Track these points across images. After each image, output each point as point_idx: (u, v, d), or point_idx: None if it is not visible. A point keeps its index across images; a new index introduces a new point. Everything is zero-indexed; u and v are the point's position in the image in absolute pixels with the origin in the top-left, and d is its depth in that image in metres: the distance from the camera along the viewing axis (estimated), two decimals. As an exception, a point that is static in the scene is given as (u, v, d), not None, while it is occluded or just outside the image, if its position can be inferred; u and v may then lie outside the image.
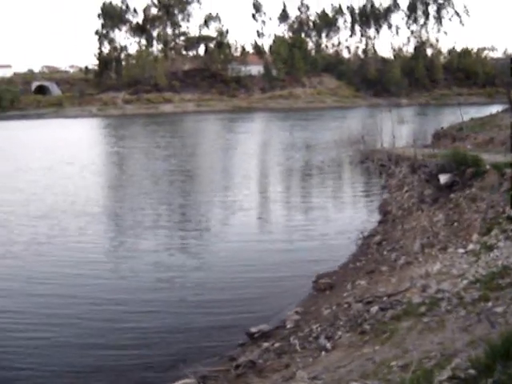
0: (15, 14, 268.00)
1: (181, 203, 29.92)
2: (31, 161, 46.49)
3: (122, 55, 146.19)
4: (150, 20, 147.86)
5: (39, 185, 34.96)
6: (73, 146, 58.55)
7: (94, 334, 14.16)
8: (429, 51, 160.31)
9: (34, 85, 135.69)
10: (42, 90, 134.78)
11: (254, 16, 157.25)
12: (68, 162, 44.97)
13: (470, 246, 15.41)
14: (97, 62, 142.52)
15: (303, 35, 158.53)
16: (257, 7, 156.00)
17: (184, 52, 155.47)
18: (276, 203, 29.55)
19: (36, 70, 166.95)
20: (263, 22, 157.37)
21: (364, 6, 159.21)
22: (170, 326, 14.48)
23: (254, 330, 13.56)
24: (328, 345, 11.24)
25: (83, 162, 45.52)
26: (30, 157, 49.52)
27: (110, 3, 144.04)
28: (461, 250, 15.47)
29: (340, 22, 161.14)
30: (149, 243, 22.23)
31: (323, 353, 10.96)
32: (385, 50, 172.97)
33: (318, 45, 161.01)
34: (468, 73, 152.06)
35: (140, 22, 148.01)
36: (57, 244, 21.81)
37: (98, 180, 37.59)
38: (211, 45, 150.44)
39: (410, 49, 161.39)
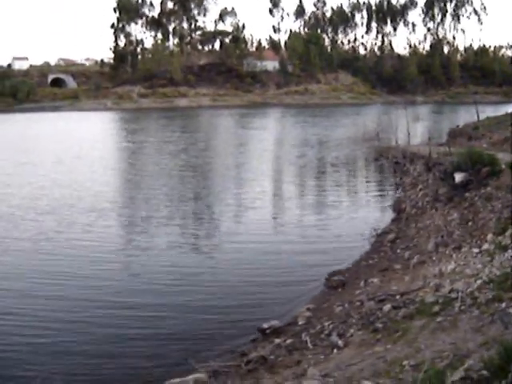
0: (32, 6, 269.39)
1: (192, 200, 29.82)
2: (43, 154, 46.66)
3: (138, 49, 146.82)
4: (166, 14, 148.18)
5: (47, 179, 34.88)
6: (86, 139, 58.64)
7: (103, 326, 14.19)
8: (445, 49, 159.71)
9: (50, 77, 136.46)
10: (57, 82, 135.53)
11: (271, 11, 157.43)
12: (78, 156, 44.98)
13: (485, 246, 15.30)
14: (112, 56, 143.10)
15: (319, 31, 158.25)
16: (275, 2, 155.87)
17: (200, 47, 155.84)
18: (289, 200, 29.49)
19: (52, 62, 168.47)
20: (281, 17, 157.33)
21: (380, 2, 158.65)
22: (181, 321, 14.50)
23: (265, 325, 13.55)
24: (340, 342, 11.21)
25: (94, 156, 45.66)
26: (42, 150, 49.73)
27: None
28: (475, 250, 15.37)
29: (357, 18, 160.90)
30: (159, 240, 22.12)
31: (335, 350, 10.93)
32: (401, 47, 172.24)
33: (333, 41, 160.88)
34: (485, 71, 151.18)
35: (156, 15, 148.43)
36: (61, 241, 21.51)
37: (106, 175, 37.24)
38: (227, 40, 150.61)
39: (426, 46, 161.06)
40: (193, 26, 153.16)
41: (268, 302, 15.65)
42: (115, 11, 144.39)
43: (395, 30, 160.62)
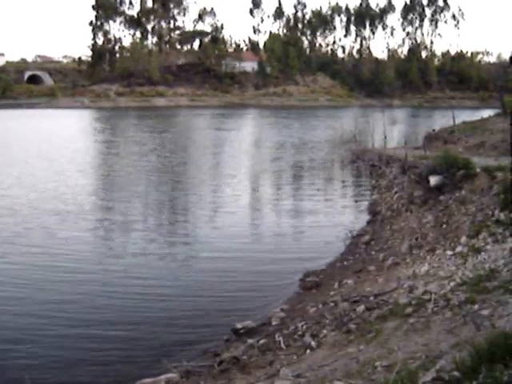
0: (9, 2, 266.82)
1: (163, 203, 29.50)
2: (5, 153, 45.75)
3: (116, 47, 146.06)
4: (145, 13, 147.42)
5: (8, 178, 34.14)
6: (58, 138, 57.54)
7: (76, 326, 14.05)
8: (423, 53, 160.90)
9: (27, 74, 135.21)
10: (34, 79, 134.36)
11: (251, 11, 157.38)
12: (48, 157, 43.74)
13: (458, 249, 15.41)
14: (90, 53, 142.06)
15: (298, 33, 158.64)
16: (255, 2, 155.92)
17: (178, 46, 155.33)
18: (264, 203, 29.38)
19: (29, 59, 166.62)
20: (261, 18, 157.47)
21: (360, 6, 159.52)
22: (154, 321, 14.39)
23: (239, 326, 13.51)
24: (313, 343, 11.19)
25: (62, 155, 44.76)
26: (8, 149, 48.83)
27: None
28: (449, 252, 15.47)
29: (336, 21, 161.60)
30: (130, 243, 21.85)
31: (308, 351, 10.92)
32: (379, 51, 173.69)
33: (312, 43, 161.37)
34: (461, 76, 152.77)
35: (135, 14, 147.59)
36: (25, 245, 20.77)
37: (72, 177, 35.90)
38: (206, 40, 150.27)
39: (404, 50, 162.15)
40: (172, 25, 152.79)
41: (242, 302, 15.61)
42: (94, 9, 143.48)
43: (374, 33, 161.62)
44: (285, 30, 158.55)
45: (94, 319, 14.43)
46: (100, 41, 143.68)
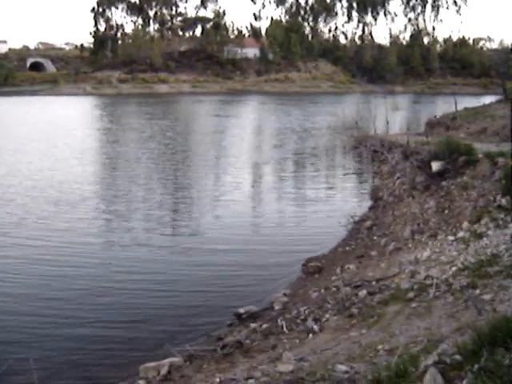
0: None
1: (164, 190, 29.53)
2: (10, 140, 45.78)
3: (118, 34, 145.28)
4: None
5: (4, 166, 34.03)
6: (59, 125, 57.30)
7: (79, 310, 14.14)
8: (425, 40, 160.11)
9: (29, 61, 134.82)
10: (36, 66, 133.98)
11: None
12: (48, 144, 43.91)
13: (460, 234, 15.44)
14: (92, 40, 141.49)
15: (300, 19, 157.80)
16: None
17: (180, 33, 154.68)
18: (266, 189, 29.46)
19: (31, 46, 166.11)
20: (263, 4, 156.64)
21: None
22: (157, 306, 14.47)
23: (241, 310, 13.59)
24: (315, 327, 11.26)
25: (63, 142, 44.98)
26: (11, 135, 48.83)
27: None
28: (450, 238, 15.50)
29: (337, 7, 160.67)
30: (134, 228, 22.07)
31: (310, 335, 10.98)
32: (381, 37, 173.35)
33: (314, 29, 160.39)
34: (464, 63, 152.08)
35: (137, 1, 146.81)
36: (32, 232, 20.95)
37: (74, 164, 35.60)
38: (208, 26, 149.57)
39: (406, 36, 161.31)
40: (174, 11, 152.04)
41: (245, 287, 15.69)
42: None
43: (376, 19, 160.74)
44: (287, 17, 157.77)
45: (98, 305, 14.50)
46: (102, 27, 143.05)
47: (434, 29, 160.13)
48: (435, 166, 21.91)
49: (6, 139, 45.93)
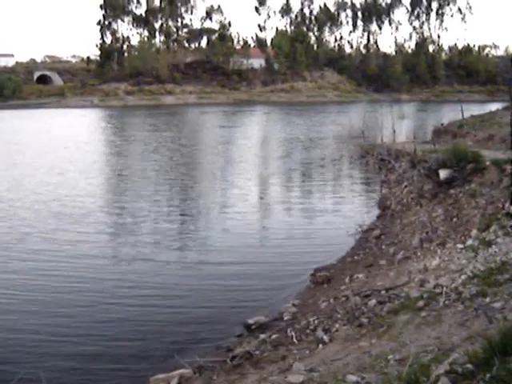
0: (18, 3, 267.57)
1: (173, 200, 29.73)
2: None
3: (124, 46, 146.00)
4: (152, 11, 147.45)
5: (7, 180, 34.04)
6: (66, 138, 57.41)
7: (90, 324, 14.16)
8: (430, 48, 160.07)
9: (36, 74, 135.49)
10: (43, 79, 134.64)
11: (257, 9, 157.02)
12: (58, 157, 44.25)
13: (469, 242, 15.38)
14: (99, 53, 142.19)
15: (305, 29, 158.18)
16: (261, 0, 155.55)
17: (186, 44, 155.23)
18: (274, 199, 29.46)
19: (38, 59, 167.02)
20: (268, 15, 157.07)
21: (366, 0, 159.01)
22: (166, 317, 14.48)
23: (251, 321, 13.57)
24: (325, 337, 11.22)
25: (71, 157, 45.16)
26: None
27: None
28: (459, 246, 15.45)
29: (342, 16, 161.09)
30: (144, 231, 22.39)
31: (320, 345, 10.94)
32: (387, 46, 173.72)
33: (319, 39, 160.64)
34: (469, 70, 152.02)
35: (143, 13, 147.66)
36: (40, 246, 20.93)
37: (80, 177, 35.58)
38: (213, 37, 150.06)
39: (411, 45, 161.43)
40: (179, 23, 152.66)
41: (254, 298, 15.67)
42: (102, 8, 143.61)
43: (381, 28, 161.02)
44: (292, 27, 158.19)
45: (108, 318, 14.52)
46: (108, 40, 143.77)
47: (439, 37, 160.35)
48: (443, 173, 21.87)
49: (17, 153, 46.11)
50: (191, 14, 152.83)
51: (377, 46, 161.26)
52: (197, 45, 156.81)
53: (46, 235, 21.99)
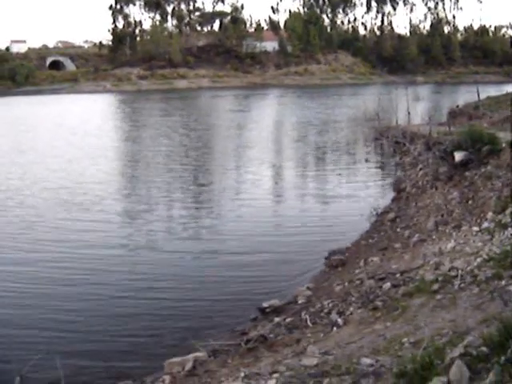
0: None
1: (188, 183, 29.73)
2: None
3: (137, 31, 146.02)
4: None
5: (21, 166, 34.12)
6: (76, 124, 57.44)
7: (105, 309, 14.24)
8: (446, 28, 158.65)
9: (49, 60, 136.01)
10: (56, 65, 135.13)
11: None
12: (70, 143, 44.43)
13: (485, 224, 15.27)
14: (111, 38, 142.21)
15: (318, 11, 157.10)
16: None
17: (198, 28, 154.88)
18: (289, 181, 29.48)
19: (50, 45, 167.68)
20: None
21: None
22: (181, 301, 14.53)
23: (265, 305, 13.58)
24: (339, 320, 11.21)
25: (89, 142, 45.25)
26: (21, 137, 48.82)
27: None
28: (475, 228, 15.34)
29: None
30: (159, 217, 22.45)
31: (334, 328, 10.93)
32: (401, 27, 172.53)
33: (333, 21, 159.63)
34: (485, 51, 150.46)
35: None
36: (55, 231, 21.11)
37: (92, 161, 36.17)
38: (226, 20, 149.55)
39: (426, 26, 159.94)
40: (191, 6, 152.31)
41: (268, 281, 15.68)
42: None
43: (395, 9, 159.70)
44: (305, 9, 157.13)
45: (123, 302, 14.59)
46: (120, 25, 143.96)
47: (454, 17, 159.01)
48: (458, 156, 21.71)
49: (27, 140, 46.33)
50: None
51: (391, 27, 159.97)
52: (209, 28, 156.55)
53: (55, 224, 21.79)
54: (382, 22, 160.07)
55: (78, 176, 30.73)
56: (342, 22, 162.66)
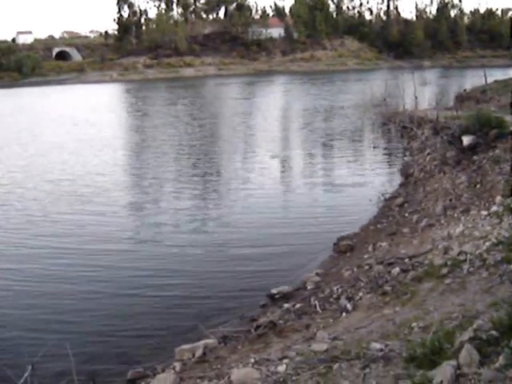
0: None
1: (196, 171, 29.74)
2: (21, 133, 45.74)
3: (142, 19, 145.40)
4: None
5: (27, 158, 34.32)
6: (81, 114, 57.45)
7: (115, 297, 14.32)
8: (452, 12, 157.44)
9: (55, 51, 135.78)
10: (62, 55, 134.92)
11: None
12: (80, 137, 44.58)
13: (493, 208, 15.23)
14: (117, 27, 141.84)
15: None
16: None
17: (204, 15, 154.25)
18: (296, 168, 29.50)
19: (56, 35, 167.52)
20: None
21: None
22: (191, 288, 14.58)
23: (274, 291, 13.61)
24: (348, 306, 11.23)
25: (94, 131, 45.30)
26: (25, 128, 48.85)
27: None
28: (484, 212, 15.31)
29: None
30: (168, 205, 22.49)
31: (344, 314, 10.97)
32: (407, 12, 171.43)
33: (339, 6, 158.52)
34: (492, 34, 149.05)
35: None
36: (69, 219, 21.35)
37: (100, 150, 36.77)
38: (231, 8, 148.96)
39: (433, 10, 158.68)
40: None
41: (277, 267, 15.71)
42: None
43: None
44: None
45: (133, 290, 14.68)
46: (125, 14, 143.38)
47: (460, 1, 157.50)
48: (466, 140, 21.65)
49: (30, 131, 46.47)
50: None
51: (397, 11, 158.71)
52: (215, 16, 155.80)
53: (59, 217, 21.61)
54: (388, 6, 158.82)
55: (82, 168, 30.52)
56: (348, 8, 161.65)
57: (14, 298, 14.41)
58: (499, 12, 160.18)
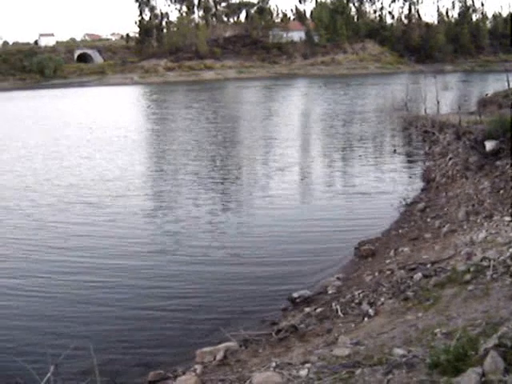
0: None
1: (218, 172, 29.87)
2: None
3: (163, 22, 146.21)
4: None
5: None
6: (101, 117, 58.32)
7: (138, 299, 14.39)
8: (474, 16, 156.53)
9: (77, 53, 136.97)
10: (84, 58, 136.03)
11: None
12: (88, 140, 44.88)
13: (517, 214, 15.12)
14: (138, 30, 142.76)
15: (345, 0, 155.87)
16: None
17: (225, 19, 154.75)
18: (318, 171, 29.40)
19: (78, 38, 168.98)
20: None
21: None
22: (212, 291, 14.61)
23: (295, 295, 13.60)
24: (370, 311, 11.18)
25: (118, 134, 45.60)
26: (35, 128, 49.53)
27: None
28: (507, 218, 15.19)
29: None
30: (188, 209, 22.50)
31: (365, 319, 10.92)
32: (429, 16, 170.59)
33: (360, 10, 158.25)
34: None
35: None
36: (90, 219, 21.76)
37: (122, 151, 37.07)
38: (252, 11, 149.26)
39: (454, 14, 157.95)
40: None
41: (298, 271, 15.69)
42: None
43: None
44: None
45: (155, 293, 14.73)
46: (147, 17, 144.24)
47: (482, 5, 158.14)
48: (489, 145, 21.49)
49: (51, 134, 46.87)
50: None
51: (419, 15, 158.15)
52: (236, 19, 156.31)
53: (75, 222, 21.49)
54: (410, 10, 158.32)
55: (98, 172, 30.36)
56: (369, 11, 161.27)
57: (40, 301, 14.49)
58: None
